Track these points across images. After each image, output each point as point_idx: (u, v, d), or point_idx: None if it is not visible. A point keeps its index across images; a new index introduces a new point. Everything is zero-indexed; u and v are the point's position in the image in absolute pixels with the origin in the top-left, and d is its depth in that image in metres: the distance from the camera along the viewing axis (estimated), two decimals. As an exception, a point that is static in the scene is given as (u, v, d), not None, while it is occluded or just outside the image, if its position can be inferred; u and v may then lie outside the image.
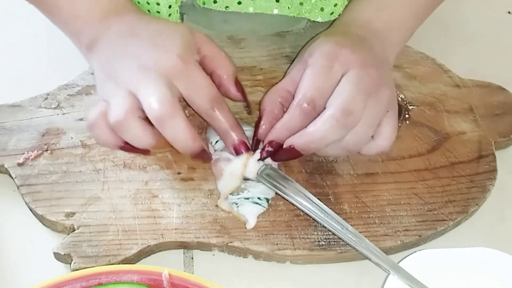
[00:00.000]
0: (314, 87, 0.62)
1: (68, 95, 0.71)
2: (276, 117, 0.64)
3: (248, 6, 0.72)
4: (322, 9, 0.72)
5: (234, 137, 0.63)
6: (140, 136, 0.61)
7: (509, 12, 0.87)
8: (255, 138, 0.65)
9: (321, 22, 0.73)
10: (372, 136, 0.63)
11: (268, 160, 0.64)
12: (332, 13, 0.72)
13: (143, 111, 0.60)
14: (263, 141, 0.64)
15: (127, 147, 0.63)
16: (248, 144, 0.64)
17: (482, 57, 0.80)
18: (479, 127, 0.70)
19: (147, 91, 0.60)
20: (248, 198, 0.62)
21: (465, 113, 0.72)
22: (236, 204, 0.62)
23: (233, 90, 0.66)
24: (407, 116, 0.71)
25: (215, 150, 0.65)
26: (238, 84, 0.66)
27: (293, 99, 0.62)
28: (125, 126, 0.60)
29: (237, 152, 0.63)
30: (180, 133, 0.60)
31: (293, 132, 0.62)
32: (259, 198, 0.62)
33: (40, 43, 0.78)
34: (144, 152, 0.64)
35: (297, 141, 0.62)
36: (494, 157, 0.68)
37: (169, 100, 0.59)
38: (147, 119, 0.60)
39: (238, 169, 0.62)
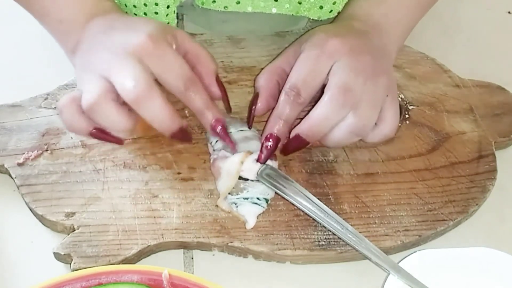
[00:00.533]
0: (298, 74, 0.63)
1: (68, 95, 0.71)
2: (272, 94, 0.65)
3: (246, 5, 0.72)
4: (321, 7, 0.72)
5: (210, 116, 0.63)
6: (115, 119, 0.60)
7: (509, 12, 0.87)
8: (251, 116, 0.66)
9: (322, 21, 0.73)
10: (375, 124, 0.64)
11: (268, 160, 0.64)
12: (331, 11, 0.72)
13: (117, 95, 0.60)
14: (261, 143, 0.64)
15: (98, 133, 0.62)
16: (224, 122, 0.63)
17: (482, 57, 0.80)
18: (479, 127, 0.70)
19: (119, 72, 0.59)
20: (247, 198, 0.62)
21: (465, 113, 0.72)
22: (235, 204, 0.62)
23: (213, 88, 0.66)
24: (407, 116, 0.71)
25: (214, 150, 0.65)
26: (219, 82, 0.66)
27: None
28: (99, 109, 0.60)
29: (215, 131, 0.63)
30: (157, 112, 0.60)
31: (286, 120, 0.63)
32: (258, 198, 0.62)
33: (40, 43, 0.78)
34: (116, 140, 0.63)
35: (301, 128, 0.62)
36: (494, 157, 0.68)
37: (143, 79, 0.59)
38: (121, 104, 0.60)
39: (234, 166, 0.62)
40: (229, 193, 0.62)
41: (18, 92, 0.71)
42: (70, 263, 0.59)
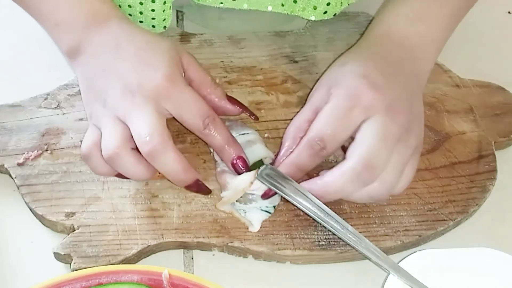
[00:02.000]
0: (328, 128, 0.60)
1: (68, 95, 0.71)
2: None
3: (242, 2, 0.72)
4: (315, 8, 0.72)
5: (231, 153, 0.62)
6: (134, 170, 0.60)
7: (509, 12, 0.87)
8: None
9: (322, 21, 0.73)
10: None
11: (268, 160, 0.64)
12: (326, 12, 0.72)
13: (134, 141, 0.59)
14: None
15: (123, 176, 0.62)
16: (246, 160, 0.63)
17: (482, 57, 0.80)
18: (479, 127, 0.70)
19: (136, 122, 0.59)
20: (256, 207, 0.62)
21: (465, 113, 0.72)
22: (244, 210, 0.62)
23: (231, 108, 0.66)
24: (407, 116, 0.71)
25: (221, 160, 0.65)
26: (232, 100, 0.66)
27: (306, 134, 0.61)
28: (118, 161, 0.60)
29: (236, 169, 0.62)
30: (170, 166, 0.59)
31: (301, 169, 0.61)
32: (267, 206, 0.62)
33: (40, 43, 0.78)
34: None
35: (312, 187, 0.60)
36: (494, 157, 0.68)
37: (158, 132, 0.58)
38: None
39: (242, 185, 0.61)
40: (237, 201, 0.62)
41: (18, 92, 0.71)
42: (70, 263, 0.59)
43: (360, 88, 0.60)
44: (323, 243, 0.61)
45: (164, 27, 0.72)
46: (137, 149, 0.60)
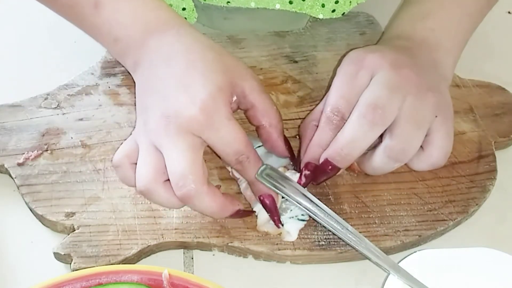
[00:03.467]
0: (339, 96, 0.60)
1: (68, 95, 0.71)
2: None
3: (250, 1, 0.72)
4: (323, 5, 0.71)
5: (260, 189, 0.60)
6: (167, 203, 0.59)
7: (509, 12, 0.87)
8: (300, 166, 0.63)
9: (322, 21, 0.73)
10: (421, 147, 0.61)
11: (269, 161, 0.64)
12: (334, 10, 0.72)
13: None
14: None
15: None
16: (274, 198, 0.61)
17: (482, 57, 0.80)
18: (479, 127, 0.70)
19: (170, 158, 0.56)
20: (292, 217, 0.62)
21: (465, 113, 0.72)
22: (281, 223, 0.62)
23: (282, 149, 0.63)
24: (407, 116, 0.71)
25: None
26: (286, 140, 0.64)
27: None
28: (150, 195, 0.58)
29: (263, 204, 0.61)
30: (204, 208, 0.58)
31: (324, 147, 0.60)
32: (302, 214, 0.62)
33: (40, 43, 0.78)
34: None
35: (328, 152, 0.60)
36: (494, 157, 0.68)
37: (191, 177, 0.56)
38: None
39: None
40: None
41: (18, 92, 0.71)
42: (70, 263, 0.59)
43: (361, 54, 0.62)
44: (323, 243, 0.61)
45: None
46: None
